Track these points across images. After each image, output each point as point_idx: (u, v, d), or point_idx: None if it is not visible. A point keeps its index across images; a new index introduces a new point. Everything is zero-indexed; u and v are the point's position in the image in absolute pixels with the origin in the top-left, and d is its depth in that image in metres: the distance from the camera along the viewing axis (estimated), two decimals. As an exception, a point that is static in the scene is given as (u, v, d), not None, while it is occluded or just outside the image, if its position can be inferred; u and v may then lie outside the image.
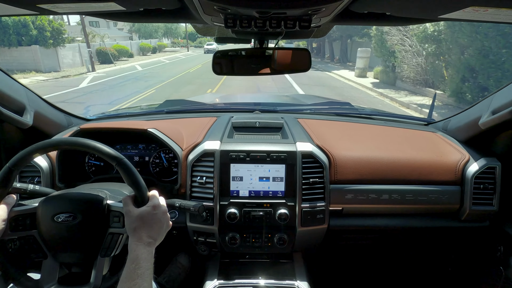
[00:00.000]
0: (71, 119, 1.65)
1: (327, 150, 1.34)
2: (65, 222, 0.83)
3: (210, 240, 1.32)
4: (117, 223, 0.86)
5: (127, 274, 0.72)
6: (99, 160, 1.41)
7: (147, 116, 1.80)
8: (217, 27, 1.17)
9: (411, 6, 0.77)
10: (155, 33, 42.23)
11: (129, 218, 0.81)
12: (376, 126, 1.68)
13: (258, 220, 1.26)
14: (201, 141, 1.37)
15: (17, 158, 0.81)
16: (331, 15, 0.82)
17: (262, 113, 1.80)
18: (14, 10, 0.78)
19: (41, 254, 0.84)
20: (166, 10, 0.87)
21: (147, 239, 0.78)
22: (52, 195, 0.89)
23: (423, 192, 1.31)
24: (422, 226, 1.38)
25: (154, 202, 0.84)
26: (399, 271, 1.83)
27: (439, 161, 1.35)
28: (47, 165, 1.31)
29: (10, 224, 0.81)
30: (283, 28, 0.80)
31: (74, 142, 0.84)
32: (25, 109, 1.27)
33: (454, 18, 0.78)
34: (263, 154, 1.27)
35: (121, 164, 0.83)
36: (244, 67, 1.28)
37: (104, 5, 0.74)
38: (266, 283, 1.24)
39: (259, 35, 1.16)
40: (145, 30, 41.00)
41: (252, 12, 0.72)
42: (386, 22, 0.96)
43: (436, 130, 1.64)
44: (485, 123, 1.25)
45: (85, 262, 0.87)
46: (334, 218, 1.33)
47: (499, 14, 0.69)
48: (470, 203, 1.30)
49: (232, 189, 1.27)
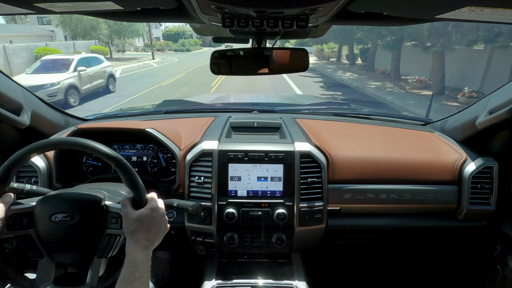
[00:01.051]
0: (69, 119, 1.65)
1: (325, 150, 1.34)
2: (63, 222, 0.82)
3: (208, 240, 1.31)
4: (115, 224, 0.85)
5: (124, 277, 0.72)
6: (97, 160, 1.41)
7: (145, 116, 1.80)
8: (215, 26, 1.17)
9: (408, 6, 0.78)
10: (94, 31, 23.10)
11: (127, 220, 0.80)
12: (374, 126, 1.69)
13: (256, 220, 1.26)
14: (199, 141, 1.37)
15: (16, 157, 0.80)
16: (328, 14, 0.82)
17: (260, 113, 1.80)
18: (11, 9, 0.78)
19: (37, 254, 0.84)
20: (164, 9, 0.87)
21: (145, 242, 0.78)
22: (49, 195, 0.89)
23: (421, 191, 1.31)
24: (420, 226, 1.38)
25: (152, 204, 0.84)
26: (397, 271, 1.84)
27: (436, 161, 1.36)
28: (45, 165, 1.30)
29: (7, 223, 0.81)
30: (281, 27, 0.80)
31: (73, 142, 0.84)
32: (22, 109, 1.27)
33: (450, 18, 0.79)
34: (261, 154, 1.27)
35: (120, 165, 0.82)
36: (242, 67, 1.28)
37: (101, 4, 0.74)
38: (264, 283, 1.24)
39: (257, 35, 1.16)
40: (78, 25, 22.44)
41: (249, 11, 0.72)
42: (383, 22, 0.96)
43: (433, 130, 1.65)
44: (482, 123, 1.25)
45: (82, 262, 0.86)
46: (332, 218, 1.33)
47: (495, 14, 0.70)
48: (467, 203, 1.31)
49: (230, 189, 1.27)
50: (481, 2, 0.62)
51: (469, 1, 0.62)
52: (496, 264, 1.36)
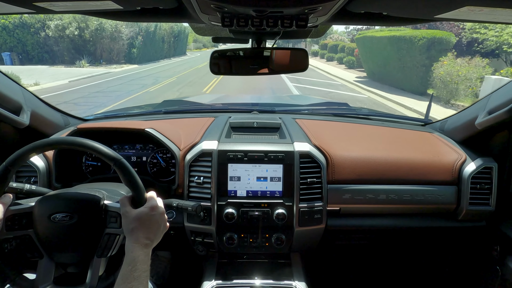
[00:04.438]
0: (68, 119, 1.65)
1: (324, 150, 1.34)
2: (62, 222, 0.82)
3: (207, 240, 1.31)
4: (114, 224, 0.85)
5: (123, 276, 0.72)
6: (96, 160, 1.40)
7: (145, 116, 1.79)
8: (214, 26, 1.17)
9: (407, 6, 0.78)
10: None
11: (126, 219, 0.80)
12: (374, 126, 1.69)
13: (256, 220, 1.26)
14: (198, 141, 1.36)
15: (14, 157, 0.80)
16: (327, 14, 0.83)
17: (260, 113, 1.80)
18: (11, 8, 0.78)
19: (36, 254, 0.84)
20: (163, 9, 0.87)
21: (144, 240, 0.78)
22: (48, 195, 0.88)
23: (420, 192, 1.31)
24: (419, 226, 1.38)
25: (152, 203, 0.84)
26: (397, 271, 1.84)
27: (436, 161, 1.36)
28: (44, 165, 1.30)
29: (6, 223, 0.80)
30: (280, 27, 0.80)
31: (72, 141, 0.84)
32: (22, 108, 1.27)
33: (450, 18, 0.79)
34: (261, 154, 1.27)
35: (119, 164, 0.82)
36: (242, 67, 1.29)
37: (101, 3, 0.74)
38: (264, 283, 1.24)
39: (257, 34, 1.16)
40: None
41: (249, 10, 0.72)
42: (382, 22, 0.96)
43: (433, 131, 1.65)
44: (482, 123, 1.25)
45: (81, 262, 0.86)
46: (331, 218, 1.33)
47: (494, 13, 0.70)
48: (466, 203, 1.31)
49: (229, 189, 1.27)
50: (480, 2, 0.62)
51: (469, 1, 0.62)
52: (495, 265, 1.36)
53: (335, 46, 23.43)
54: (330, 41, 26.26)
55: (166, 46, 27.23)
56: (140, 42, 22.08)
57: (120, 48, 20.49)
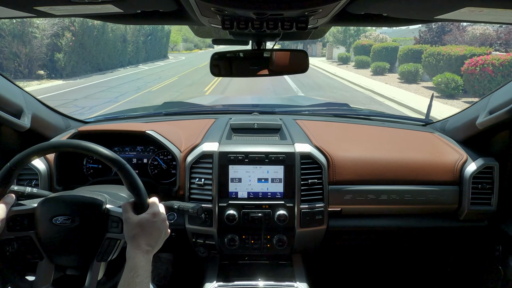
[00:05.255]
0: (69, 122, 1.65)
1: (325, 151, 1.34)
2: (63, 225, 0.82)
3: (209, 242, 1.31)
4: (115, 228, 0.85)
5: (125, 283, 0.72)
6: (97, 162, 1.40)
7: (146, 118, 1.80)
8: (214, 29, 1.17)
9: (407, 7, 0.78)
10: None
11: (128, 225, 0.80)
12: (374, 126, 1.69)
13: (257, 221, 1.26)
14: (199, 143, 1.36)
15: (18, 158, 0.81)
16: (328, 16, 0.83)
17: (261, 114, 1.80)
18: (11, 12, 0.78)
19: (37, 256, 0.84)
20: (164, 12, 0.87)
21: (146, 247, 0.78)
22: (51, 197, 0.88)
23: (422, 192, 1.31)
24: (421, 226, 1.38)
25: (154, 209, 0.84)
26: (399, 272, 1.83)
27: (437, 161, 1.35)
28: (45, 168, 1.30)
29: (7, 224, 0.80)
30: (280, 29, 0.80)
31: (75, 144, 0.84)
32: (23, 111, 1.27)
33: (450, 19, 0.79)
34: (261, 155, 1.27)
35: (122, 168, 0.82)
36: (242, 69, 1.29)
37: (101, 7, 0.74)
38: (265, 284, 1.24)
39: (257, 36, 1.16)
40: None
41: (249, 13, 0.72)
42: (383, 23, 0.96)
43: (433, 131, 1.65)
44: (482, 123, 1.25)
45: (81, 265, 0.86)
46: (333, 219, 1.33)
47: (495, 14, 0.70)
48: (468, 203, 1.31)
49: (230, 190, 1.27)
50: (480, 2, 0.62)
51: (469, 2, 0.62)
52: (497, 265, 1.35)
53: (385, 49, 15.90)
54: (369, 41, 18.45)
55: (132, 48, 19.52)
56: (70, 42, 13.70)
57: (34, 52, 12.68)
